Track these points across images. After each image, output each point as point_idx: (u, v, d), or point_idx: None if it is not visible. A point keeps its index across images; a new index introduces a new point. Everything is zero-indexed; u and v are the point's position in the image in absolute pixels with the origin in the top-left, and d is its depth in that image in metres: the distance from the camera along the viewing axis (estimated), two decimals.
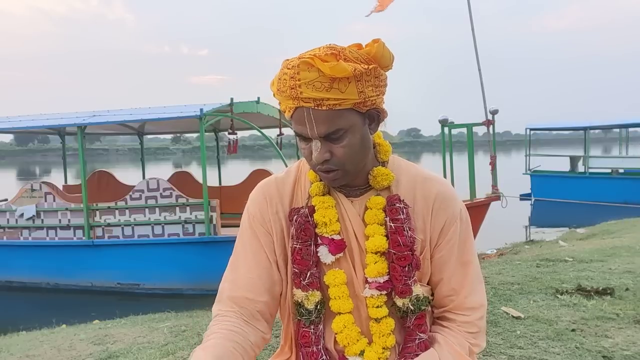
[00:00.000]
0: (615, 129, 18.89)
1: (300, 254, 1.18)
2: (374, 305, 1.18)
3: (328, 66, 1.02)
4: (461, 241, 1.22)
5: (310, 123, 1.07)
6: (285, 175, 1.27)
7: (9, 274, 7.79)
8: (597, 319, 2.91)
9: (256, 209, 1.24)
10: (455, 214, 1.21)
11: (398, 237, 1.16)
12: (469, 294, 1.21)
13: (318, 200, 1.19)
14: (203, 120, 6.85)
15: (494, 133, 7.26)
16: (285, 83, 1.07)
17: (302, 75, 1.04)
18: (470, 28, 7.34)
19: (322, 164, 1.11)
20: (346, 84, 1.04)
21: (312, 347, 1.18)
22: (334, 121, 1.07)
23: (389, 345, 1.19)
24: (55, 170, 25.80)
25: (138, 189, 7.20)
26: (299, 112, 1.08)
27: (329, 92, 1.04)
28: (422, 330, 1.20)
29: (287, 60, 1.09)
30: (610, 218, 9.49)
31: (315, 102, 1.05)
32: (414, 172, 1.23)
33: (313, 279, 1.18)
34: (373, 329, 1.19)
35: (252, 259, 1.21)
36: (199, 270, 6.92)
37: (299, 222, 1.18)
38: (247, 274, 1.20)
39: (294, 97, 1.06)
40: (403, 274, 1.16)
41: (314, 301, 1.18)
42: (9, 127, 8.15)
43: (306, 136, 1.10)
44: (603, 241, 6.38)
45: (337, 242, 1.18)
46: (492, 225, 7.81)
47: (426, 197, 1.20)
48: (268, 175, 5.90)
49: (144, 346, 3.21)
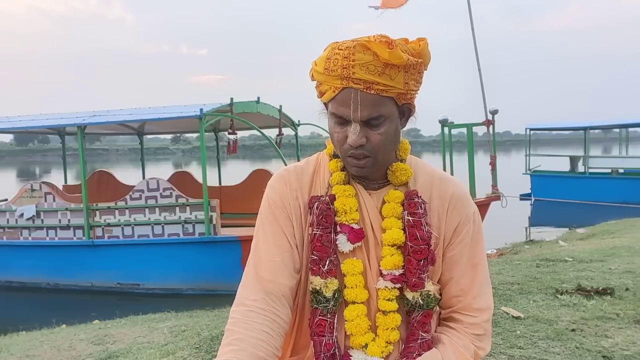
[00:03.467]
0: (615, 129, 18.90)
1: (320, 240, 1.18)
2: (385, 298, 1.19)
3: (386, 51, 1.05)
4: (473, 243, 1.23)
5: (356, 105, 1.08)
6: (304, 165, 1.28)
7: (9, 274, 7.79)
8: (597, 319, 2.91)
9: (276, 194, 1.23)
10: (469, 215, 1.23)
11: (415, 230, 1.17)
12: (477, 296, 1.23)
13: (339, 188, 1.21)
14: (203, 120, 6.84)
15: (494, 133, 7.26)
16: (336, 62, 1.08)
17: (357, 57, 1.06)
18: (470, 28, 7.34)
19: (356, 149, 1.12)
20: (396, 72, 1.07)
21: (326, 337, 1.18)
22: (377, 106, 1.10)
23: (393, 340, 1.19)
24: (55, 170, 25.79)
25: (138, 189, 7.20)
26: (345, 93, 1.09)
27: (380, 77, 1.07)
28: (425, 329, 1.20)
29: (336, 42, 1.11)
30: (610, 218, 9.49)
31: (365, 85, 1.07)
32: (430, 171, 1.26)
33: (332, 266, 1.19)
34: (379, 320, 1.19)
35: (274, 243, 1.20)
36: (199, 270, 6.92)
37: (321, 209, 1.19)
38: (270, 258, 1.19)
39: (344, 76, 1.07)
40: (418, 267, 1.18)
41: (332, 289, 1.18)
42: (9, 127, 8.14)
43: (347, 118, 1.11)
44: (603, 241, 6.38)
45: (357, 230, 1.19)
46: (492, 225, 7.81)
47: (442, 197, 1.22)
48: (268, 175, 5.96)
49: (144, 346, 3.21)
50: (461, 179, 7.57)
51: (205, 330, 3.25)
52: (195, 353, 2.76)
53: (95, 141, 57.72)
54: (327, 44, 1.14)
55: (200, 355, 2.73)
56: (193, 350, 2.80)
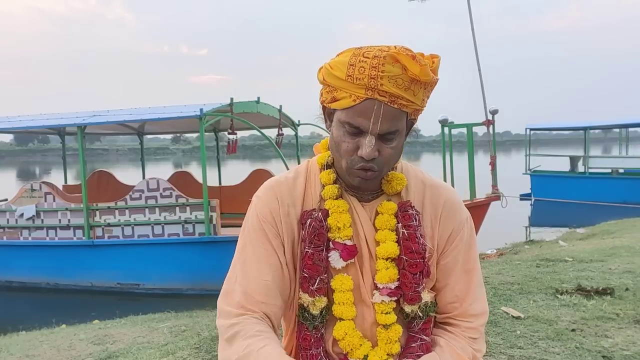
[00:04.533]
0: (615, 129, 18.90)
1: (312, 258, 1.15)
2: (383, 312, 1.17)
3: (417, 67, 1.02)
4: (466, 249, 1.23)
5: (377, 117, 1.04)
6: (295, 176, 1.23)
7: (9, 274, 7.79)
8: (597, 319, 2.91)
9: (266, 209, 1.18)
10: (462, 222, 1.22)
11: (410, 244, 1.16)
12: (473, 301, 1.22)
13: (332, 204, 1.17)
14: (203, 120, 6.84)
15: (494, 133, 7.25)
16: (363, 71, 1.03)
17: (387, 69, 1.02)
18: (470, 28, 7.34)
19: (367, 162, 1.08)
20: (419, 88, 1.05)
21: (312, 350, 1.17)
22: (395, 121, 1.07)
23: (394, 352, 1.18)
24: (55, 170, 25.79)
25: (138, 189, 7.20)
26: (367, 104, 1.05)
27: (405, 92, 1.04)
28: (426, 333, 1.20)
29: (358, 48, 1.07)
30: (610, 218, 9.48)
31: (390, 98, 1.04)
32: (421, 177, 1.24)
33: (322, 284, 1.16)
34: (380, 335, 1.18)
35: (265, 261, 1.16)
36: (199, 270, 6.92)
37: (313, 227, 1.15)
38: (261, 277, 1.14)
39: (370, 87, 1.03)
40: (414, 281, 1.16)
41: (319, 307, 1.16)
42: (9, 127, 8.15)
43: (363, 129, 1.06)
44: (603, 241, 6.38)
45: (350, 247, 1.17)
46: (492, 225, 7.81)
47: (434, 204, 1.21)
48: (268, 175, 5.95)
49: (143, 346, 3.21)
50: (461, 179, 7.54)
51: (205, 330, 3.26)
52: (195, 353, 2.76)
53: (95, 141, 57.71)
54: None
55: (200, 355, 2.73)
56: (193, 350, 2.80)
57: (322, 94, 1.14)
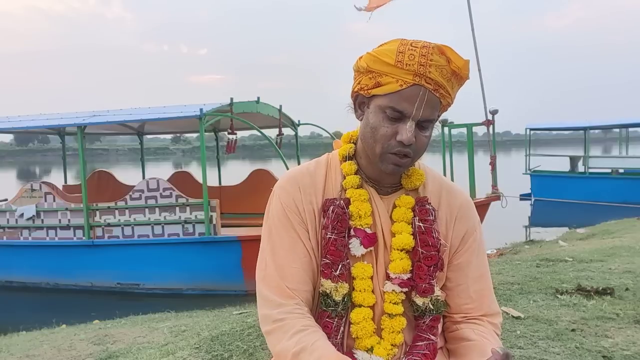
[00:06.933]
0: (615, 129, 18.90)
1: (335, 244, 1.18)
2: (392, 301, 1.20)
3: (462, 60, 1.09)
4: (478, 252, 1.27)
5: (421, 103, 1.10)
6: (316, 166, 1.27)
7: (9, 274, 7.79)
8: (597, 319, 2.91)
9: (290, 198, 1.21)
10: (475, 225, 1.27)
11: (427, 237, 1.19)
12: (491, 302, 1.28)
13: (354, 192, 1.21)
14: (203, 120, 6.84)
15: (494, 133, 7.25)
16: (413, 58, 1.09)
17: (434, 58, 1.09)
18: (470, 28, 7.34)
19: (404, 147, 1.12)
20: (456, 83, 1.12)
21: (331, 339, 1.18)
22: (435, 110, 1.13)
23: (397, 343, 1.20)
24: (55, 170, 25.77)
25: (138, 189, 7.20)
26: (413, 90, 1.09)
27: (447, 83, 1.11)
28: (433, 332, 1.22)
29: (404, 39, 1.12)
30: (610, 218, 9.48)
31: (435, 86, 1.10)
32: (439, 178, 1.29)
33: (344, 270, 1.19)
34: (385, 323, 1.20)
35: (292, 249, 1.19)
36: (199, 270, 6.91)
37: (337, 213, 1.19)
38: (291, 264, 1.17)
39: (419, 73, 1.08)
40: (428, 273, 1.19)
41: (342, 293, 1.18)
42: (9, 127, 8.15)
43: (406, 114, 1.10)
44: (603, 241, 6.38)
45: (370, 235, 1.20)
46: (492, 225, 7.81)
47: (451, 205, 1.25)
48: (268, 175, 5.95)
49: (144, 346, 3.21)
50: (461, 179, 7.55)
51: (205, 330, 3.25)
52: (195, 353, 2.76)
53: (95, 141, 57.71)
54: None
55: (200, 355, 2.73)
56: (193, 350, 2.80)
57: (360, 82, 1.16)
